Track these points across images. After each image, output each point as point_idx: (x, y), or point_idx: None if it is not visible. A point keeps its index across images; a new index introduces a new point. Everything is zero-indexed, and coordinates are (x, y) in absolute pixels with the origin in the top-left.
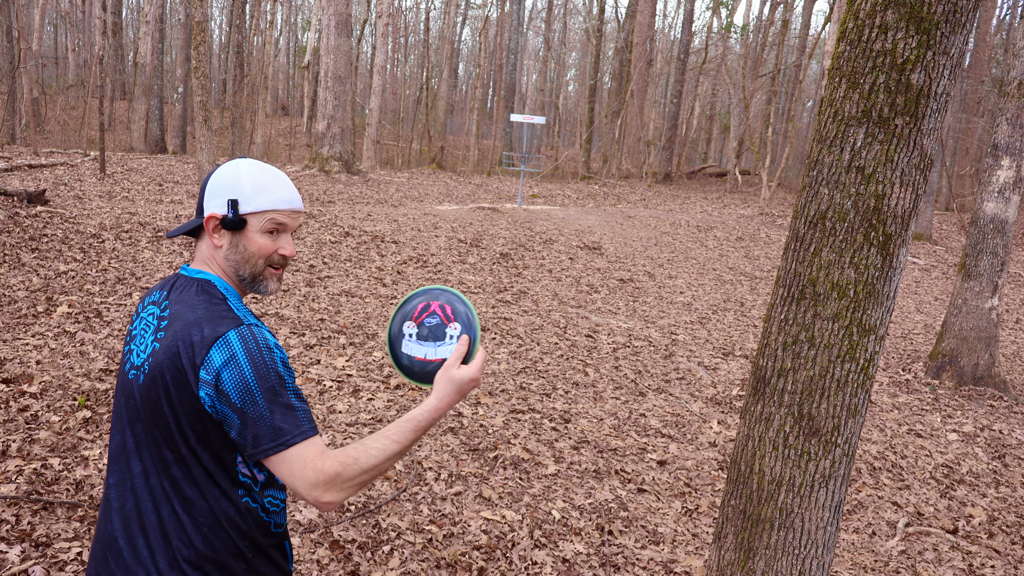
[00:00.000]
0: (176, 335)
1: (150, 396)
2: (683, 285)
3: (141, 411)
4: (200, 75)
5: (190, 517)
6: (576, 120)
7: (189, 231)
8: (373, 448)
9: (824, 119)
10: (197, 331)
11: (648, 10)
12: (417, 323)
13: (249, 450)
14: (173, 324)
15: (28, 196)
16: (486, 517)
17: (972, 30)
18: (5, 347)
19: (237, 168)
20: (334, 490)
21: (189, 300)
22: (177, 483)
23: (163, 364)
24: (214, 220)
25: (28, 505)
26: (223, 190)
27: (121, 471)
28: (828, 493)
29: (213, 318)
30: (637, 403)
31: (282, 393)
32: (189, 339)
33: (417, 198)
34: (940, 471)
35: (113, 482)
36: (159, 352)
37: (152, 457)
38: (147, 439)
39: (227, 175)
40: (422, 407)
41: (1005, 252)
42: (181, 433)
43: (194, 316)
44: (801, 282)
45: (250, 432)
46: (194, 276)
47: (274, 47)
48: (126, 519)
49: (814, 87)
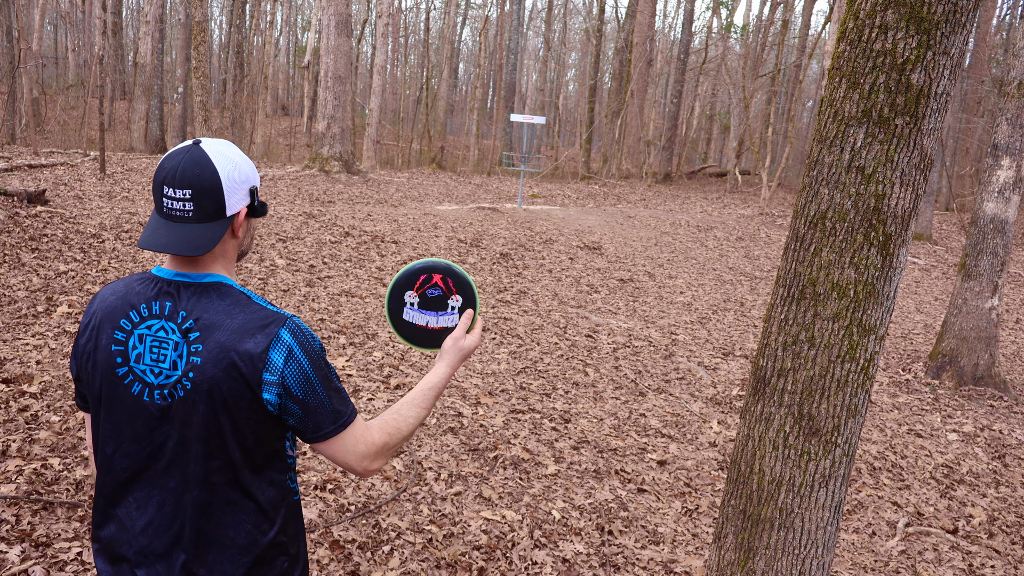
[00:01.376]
0: (223, 346)
1: (195, 410)
2: (683, 285)
3: (174, 426)
4: (200, 75)
5: (233, 519)
6: (576, 120)
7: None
8: (409, 416)
9: (824, 119)
10: (248, 338)
11: (648, 10)
12: (419, 293)
13: (309, 435)
14: (213, 334)
15: (28, 196)
16: (486, 517)
17: (972, 30)
18: (5, 347)
19: (230, 154)
20: (381, 458)
21: (219, 307)
22: (216, 489)
23: (215, 376)
24: (241, 216)
25: (28, 505)
26: (240, 183)
27: (144, 498)
28: (828, 493)
29: (258, 321)
30: (637, 403)
31: (332, 378)
32: (243, 347)
33: (417, 198)
34: (940, 471)
35: (134, 508)
36: (205, 365)
37: (195, 472)
38: (187, 455)
39: (232, 166)
40: (436, 373)
41: (1005, 252)
42: (237, 438)
43: (234, 324)
44: (801, 282)
45: (311, 420)
46: (200, 281)
47: (274, 47)
48: (156, 534)
49: (814, 87)
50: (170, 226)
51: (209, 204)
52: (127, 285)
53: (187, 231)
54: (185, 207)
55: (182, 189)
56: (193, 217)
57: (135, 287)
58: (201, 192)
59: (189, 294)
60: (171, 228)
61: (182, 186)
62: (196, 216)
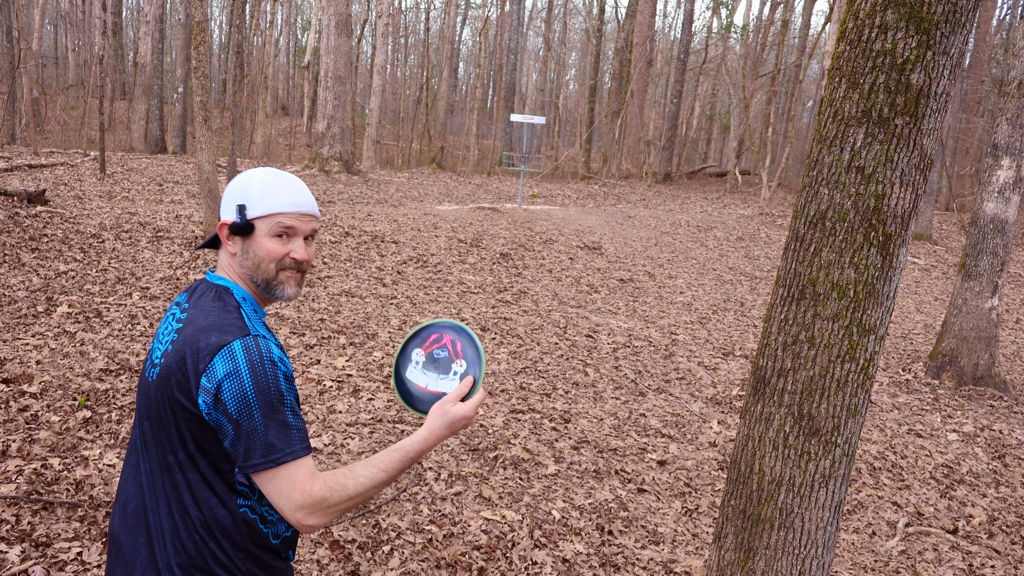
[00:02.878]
0: (186, 339)
1: (158, 396)
2: (683, 285)
3: (151, 410)
4: (200, 75)
5: (184, 522)
6: (576, 120)
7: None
8: (361, 475)
9: (824, 119)
10: (204, 338)
11: (648, 10)
12: (427, 352)
13: (240, 462)
14: (186, 328)
15: (28, 196)
16: (486, 517)
17: (972, 30)
18: (5, 347)
19: (250, 175)
20: (317, 514)
21: (204, 306)
22: (177, 487)
23: (171, 367)
24: (225, 227)
25: (28, 505)
26: (234, 196)
27: (130, 467)
28: (828, 493)
29: (222, 326)
30: (637, 403)
31: (279, 409)
32: (196, 345)
33: (417, 198)
34: (940, 471)
35: (124, 477)
36: (170, 354)
37: (158, 457)
38: (154, 439)
39: (239, 182)
40: (412, 438)
41: (1005, 252)
42: (180, 436)
43: (205, 322)
44: (801, 282)
45: (243, 444)
46: (214, 282)
47: (274, 47)
48: (128, 515)
49: (814, 87)
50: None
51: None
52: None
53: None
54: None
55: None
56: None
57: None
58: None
59: (201, 291)
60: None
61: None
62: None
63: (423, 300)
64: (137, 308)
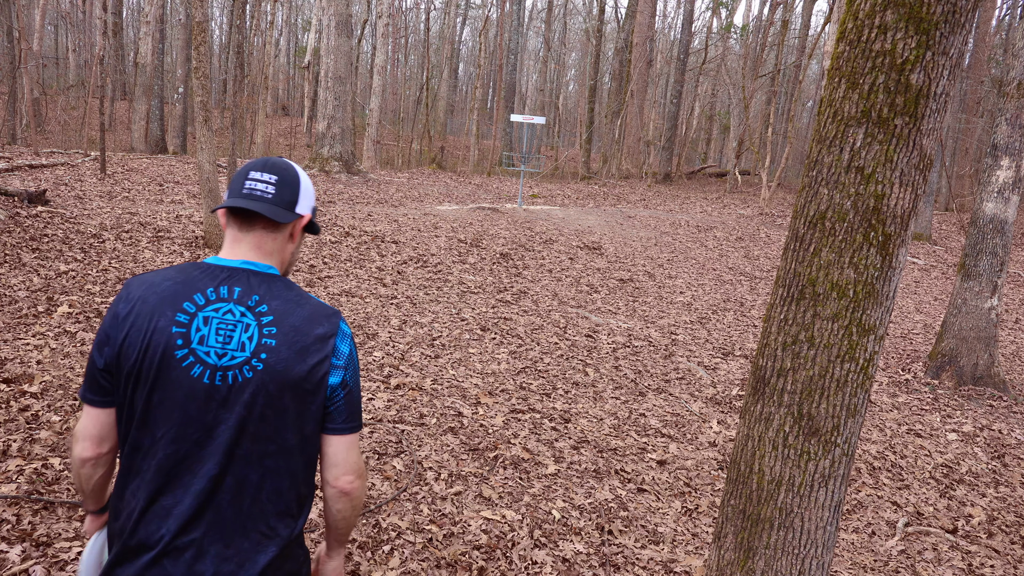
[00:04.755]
0: (299, 329)
1: (261, 391)
2: (683, 285)
3: (232, 408)
4: (200, 75)
5: (273, 507)
6: (576, 120)
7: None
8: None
9: (823, 119)
10: (318, 325)
11: (648, 10)
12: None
13: (340, 423)
14: (287, 319)
15: (29, 196)
16: (486, 517)
17: (971, 30)
18: (6, 347)
19: (306, 175)
20: (361, 480)
21: (288, 296)
22: (266, 474)
23: (289, 358)
24: (304, 222)
25: (28, 505)
26: (310, 194)
27: (188, 475)
28: (828, 493)
29: (322, 311)
30: (637, 403)
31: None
32: (315, 333)
33: (417, 198)
34: (940, 471)
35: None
36: (280, 347)
37: (239, 452)
38: (235, 436)
39: (308, 181)
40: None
41: (1004, 252)
42: (299, 423)
43: (306, 311)
44: (801, 282)
45: (348, 407)
46: (265, 271)
47: (274, 47)
48: (191, 520)
49: (814, 87)
50: (251, 202)
51: (287, 193)
52: (181, 272)
53: (268, 206)
54: (267, 189)
55: (270, 174)
56: (272, 199)
57: (193, 273)
58: (284, 181)
59: (259, 280)
60: (252, 202)
61: (271, 172)
62: (275, 199)
63: (423, 300)
64: None
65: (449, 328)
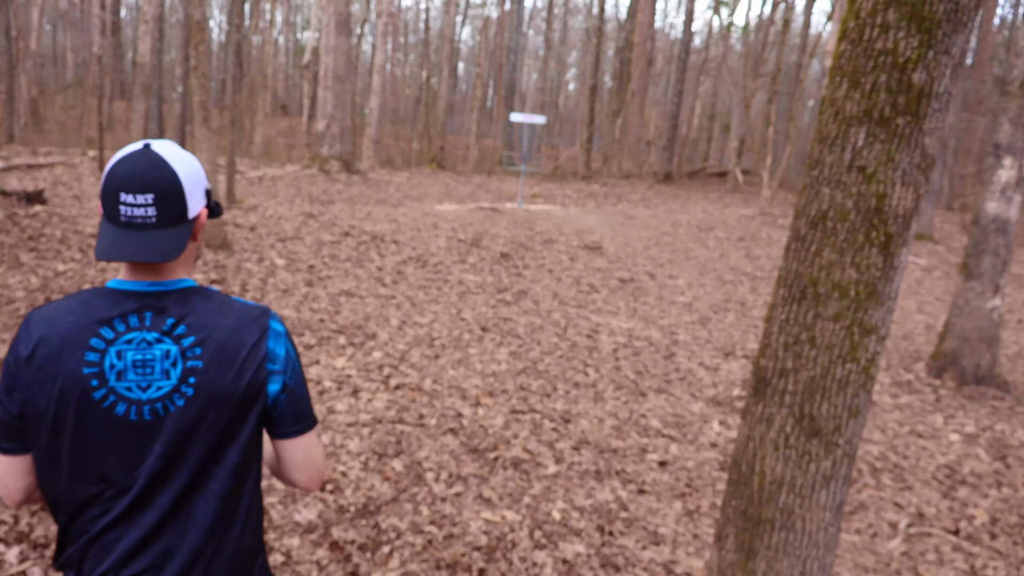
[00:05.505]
0: (225, 345)
1: (199, 416)
2: (684, 285)
3: (168, 439)
4: (199, 75)
5: (225, 528)
6: (576, 120)
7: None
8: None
9: (825, 119)
10: (247, 334)
11: (648, 10)
12: None
13: (288, 426)
14: (211, 336)
15: (26, 196)
16: (486, 518)
17: (974, 29)
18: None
19: (184, 158)
20: (320, 475)
21: (207, 309)
22: (211, 499)
23: (220, 378)
24: (203, 217)
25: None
26: (197, 184)
27: (137, 510)
28: (829, 494)
29: (247, 316)
30: (638, 403)
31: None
32: (243, 343)
33: (417, 198)
34: (942, 472)
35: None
36: (208, 368)
37: (184, 483)
38: (175, 467)
39: (192, 164)
40: None
41: (1007, 252)
42: (239, 441)
43: (230, 322)
44: (802, 282)
45: (294, 408)
46: (174, 288)
47: (274, 47)
48: (147, 556)
49: (815, 87)
50: (132, 235)
51: (172, 208)
52: (82, 304)
53: (153, 238)
54: (147, 213)
55: (143, 194)
56: (156, 223)
57: (97, 303)
58: (163, 196)
59: (171, 301)
60: (134, 236)
61: (143, 191)
62: (160, 222)
63: (423, 300)
64: None
65: (449, 328)
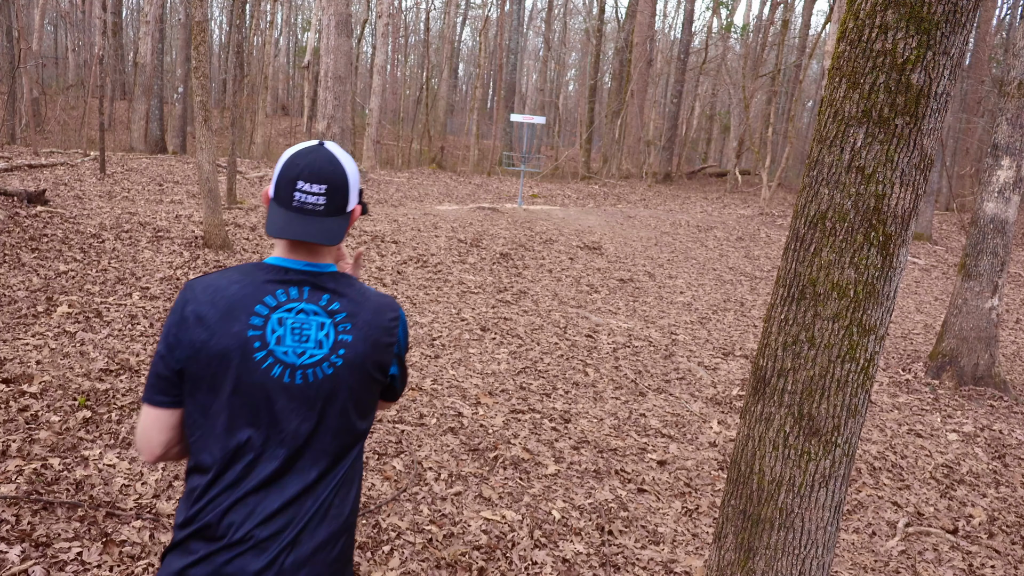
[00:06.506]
0: (371, 324)
1: (341, 386)
2: (683, 285)
3: (315, 405)
4: (200, 75)
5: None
6: (576, 120)
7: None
8: None
9: (824, 119)
10: (385, 317)
11: (648, 10)
12: None
13: (392, 395)
14: (360, 315)
15: (28, 196)
16: (486, 517)
17: (972, 30)
18: (5, 347)
19: (348, 158)
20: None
21: (353, 292)
22: (341, 465)
23: (366, 352)
24: (357, 213)
25: (28, 505)
26: (357, 182)
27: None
28: (828, 493)
29: (385, 303)
30: (637, 403)
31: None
32: (383, 325)
33: (417, 198)
34: (940, 471)
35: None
36: (356, 343)
37: (323, 448)
38: (319, 432)
39: (352, 168)
40: None
41: (1005, 252)
42: (368, 412)
43: (373, 304)
44: (801, 282)
45: (400, 383)
46: (326, 271)
47: (274, 47)
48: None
49: (814, 87)
50: (302, 218)
51: (339, 199)
52: (246, 275)
53: (321, 223)
54: (318, 201)
55: (319, 184)
56: (324, 211)
57: (259, 275)
58: (334, 188)
59: (324, 280)
60: (304, 220)
61: (319, 181)
62: (327, 211)
63: (423, 300)
64: (137, 308)
65: (449, 328)
